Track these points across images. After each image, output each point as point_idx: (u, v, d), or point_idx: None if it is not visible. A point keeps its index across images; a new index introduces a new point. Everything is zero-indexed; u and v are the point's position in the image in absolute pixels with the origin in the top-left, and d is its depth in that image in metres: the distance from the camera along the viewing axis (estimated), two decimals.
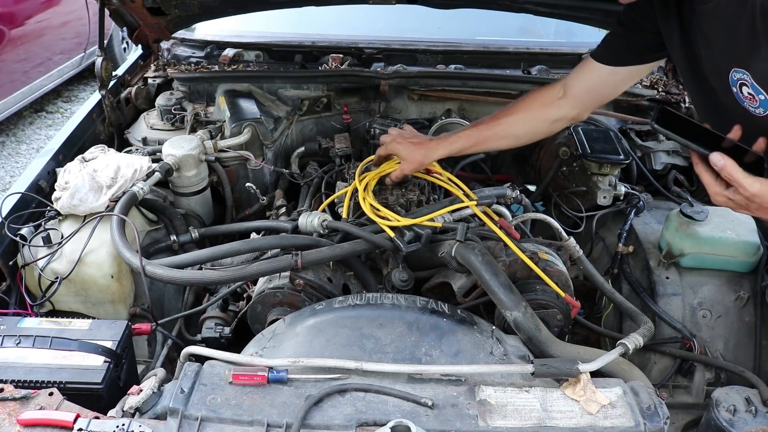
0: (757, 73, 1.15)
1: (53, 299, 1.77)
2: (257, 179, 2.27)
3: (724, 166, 1.11)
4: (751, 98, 1.18)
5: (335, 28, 2.92)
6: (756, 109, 1.18)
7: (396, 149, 1.84)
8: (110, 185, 1.85)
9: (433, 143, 1.83)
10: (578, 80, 1.68)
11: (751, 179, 1.10)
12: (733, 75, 1.21)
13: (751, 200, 1.12)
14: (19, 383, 1.26)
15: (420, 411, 1.18)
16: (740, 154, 1.13)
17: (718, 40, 1.23)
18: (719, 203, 1.19)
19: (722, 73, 1.24)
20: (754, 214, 1.18)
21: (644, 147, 2.42)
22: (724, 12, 1.18)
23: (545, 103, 1.74)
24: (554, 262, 1.72)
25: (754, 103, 1.18)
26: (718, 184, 1.16)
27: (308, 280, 1.68)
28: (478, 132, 1.80)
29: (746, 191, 1.11)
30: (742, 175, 1.10)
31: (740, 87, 1.20)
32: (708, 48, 1.26)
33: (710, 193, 1.18)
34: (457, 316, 1.47)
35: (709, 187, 1.18)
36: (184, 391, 1.19)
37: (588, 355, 1.42)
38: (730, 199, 1.15)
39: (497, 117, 1.79)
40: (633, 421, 1.17)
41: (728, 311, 1.85)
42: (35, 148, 5.01)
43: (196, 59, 2.70)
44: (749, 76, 1.17)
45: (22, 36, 4.88)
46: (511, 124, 1.77)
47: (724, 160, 1.11)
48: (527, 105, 1.77)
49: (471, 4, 2.46)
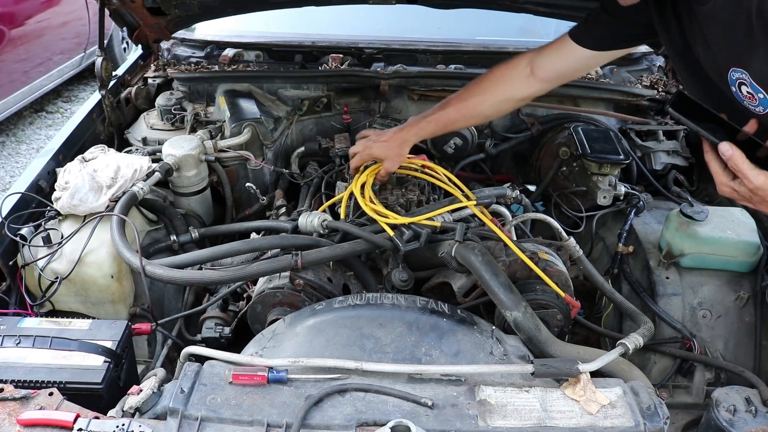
0: (756, 72, 1.16)
1: (53, 299, 1.77)
2: (257, 179, 2.27)
3: (731, 156, 1.12)
4: (751, 97, 1.19)
5: (335, 28, 2.92)
6: (756, 108, 1.19)
7: (370, 154, 1.87)
8: (110, 185, 1.85)
9: (403, 133, 1.86)
10: (551, 62, 1.68)
11: (756, 171, 1.11)
12: (731, 74, 1.21)
13: (754, 192, 1.13)
14: (19, 383, 1.26)
15: (420, 411, 1.18)
16: (753, 147, 1.13)
17: (716, 40, 1.24)
18: (724, 193, 1.20)
19: (721, 72, 1.25)
20: (756, 207, 1.18)
21: (644, 147, 2.42)
22: (720, 12, 1.18)
23: (511, 82, 1.75)
24: (554, 262, 1.71)
25: (753, 101, 1.19)
26: (724, 174, 1.17)
27: (308, 280, 1.68)
28: (446, 115, 1.82)
29: (750, 183, 1.12)
30: (747, 167, 1.11)
31: (739, 86, 1.21)
32: (706, 47, 1.27)
33: (716, 182, 1.20)
34: (457, 316, 1.47)
35: (715, 176, 1.19)
36: (184, 391, 1.19)
37: (588, 355, 1.42)
38: (734, 190, 1.17)
39: (463, 98, 1.80)
40: (633, 421, 1.17)
41: (728, 311, 1.85)
42: (35, 148, 5.01)
43: (196, 59, 2.70)
44: (748, 76, 1.18)
45: (22, 36, 4.88)
46: (478, 104, 1.79)
47: (732, 150, 1.12)
48: (493, 84, 1.78)
49: (471, 4, 2.46)
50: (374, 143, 1.88)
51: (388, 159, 1.86)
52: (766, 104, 1.17)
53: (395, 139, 1.85)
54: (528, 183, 2.57)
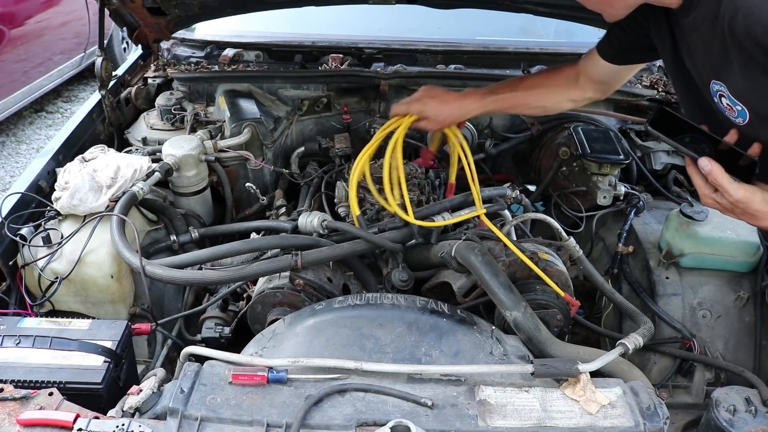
0: (731, 86, 1.19)
1: (53, 299, 1.77)
2: (257, 179, 2.28)
3: (710, 171, 1.15)
4: (730, 108, 1.22)
5: (335, 28, 2.92)
6: (736, 119, 1.22)
7: (420, 109, 1.70)
8: (110, 185, 1.85)
9: (468, 102, 1.73)
10: (589, 69, 1.69)
11: (736, 185, 1.14)
12: (713, 86, 1.24)
13: (735, 205, 1.16)
14: (19, 383, 1.26)
15: (420, 411, 1.18)
16: (735, 157, 1.16)
17: (698, 52, 1.26)
18: (708, 205, 1.22)
19: (704, 83, 1.27)
20: (738, 218, 1.21)
21: (644, 147, 2.41)
22: (701, 26, 1.20)
23: (571, 82, 1.73)
24: (554, 262, 1.72)
25: (733, 113, 1.22)
26: (707, 187, 1.19)
27: (308, 280, 1.68)
28: (513, 97, 1.75)
29: (730, 197, 1.14)
30: (726, 181, 1.14)
31: (720, 98, 1.24)
32: (692, 58, 1.30)
33: (700, 195, 1.22)
34: (457, 316, 1.47)
35: (699, 189, 1.22)
36: (184, 391, 1.19)
37: (588, 355, 1.42)
38: (717, 202, 1.19)
39: (530, 86, 1.76)
40: (633, 421, 1.17)
41: (728, 311, 1.85)
42: (35, 148, 5.01)
43: (196, 59, 2.70)
44: (725, 88, 1.21)
45: (22, 36, 4.88)
46: (543, 96, 1.75)
47: (711, 165, 1.15)
48: (555, 81, 1.76)
49: (471, 4, 2.46)
50: (431, 99, 1.71)
51: (434, 121, 1.71)
52: (744, 116, 1.19)
53: (455, 106, 1.71)
54: (528, 183, 2.57)
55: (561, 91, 1.75)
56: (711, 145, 1.18)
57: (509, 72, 2.60)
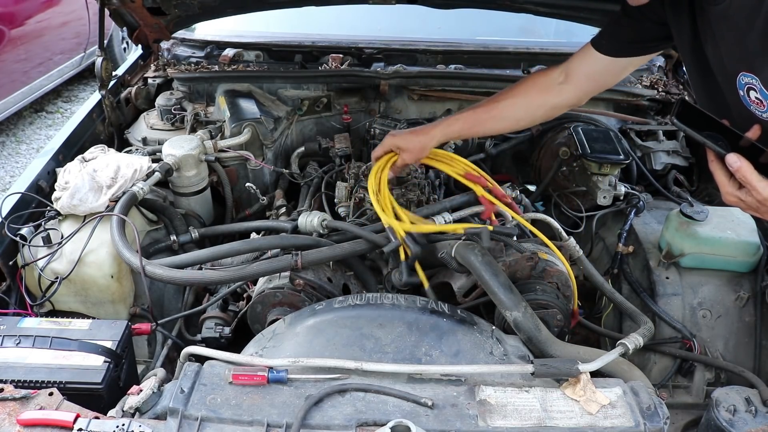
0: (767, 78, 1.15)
1: (53, 299, 1.77)
2: (257, 179, 2.28)
3: (739, 168, 1.11)
4: (759, 103, 1.18)
5: (335, 28, 2.92)
6: (763, 113, 1.18)
7: (393, 142, 1.82)
8: (110, 185, 1.85)
9: (430, 128, 1.82)
10: (580, 67, 1.66)
11: (765, 183, 1.10)
12: (741, 78, 1.20)
13: (762, 204, 1.12)
14: (19, 383, 1.26)
15: (420, 411, 1.18)
16: (756, 154, 1.12)
17: (726, 42, 1.22)
18: (730, 203, 1.18)
19: (729, 74, 1.23)
20: (762, 216, 1.17)
21: (644, 147, 2.42)
22: (735, 14, 1.17)
23: (545, 88, 1.71)
24: (554, 262, 1.71)
25: (761, 107, 1.17)
26: (731, 185, 1.15)
27: (308, 280, 1.68)
28: (475, 115, 1.78)
29: (759, 195, 1.11)
30: (756, 178, 1.10)
31: (747, 91, 1.19)
32: (716, 48, 1.26)
33: (722, 192, 1.18)
34: (457, 316, 1.47)
35: (721, 186, 1.18)
36: (184, 391, 1.19)
37: (588, 355, 1.42)
38: (741, 200, 1.15)
39: (496, 100, 1.77)
40: (633, 421, 1.17)
41: (728, 311, 1.85)
42: (35, 148, 5.01)
43: (196, 59, 2.70)
44: (758, 81, 1.16)
45: (22, 36, 4.88)
46: (510, 107, 1.75)
47: (740, 162, 1.11)
48: (526, 89, 1.75)
49: (471, 4, 2.46)
50: (401, 133, 1.85)
51: (408, 151, 1.80)
52: None
53: (421, 134, 1.81)
54: (528, 183, 2.57)
55: (531, 100, 1.74)
56: (730, 141, 1.13)
57: (509, 72, 2.60)
